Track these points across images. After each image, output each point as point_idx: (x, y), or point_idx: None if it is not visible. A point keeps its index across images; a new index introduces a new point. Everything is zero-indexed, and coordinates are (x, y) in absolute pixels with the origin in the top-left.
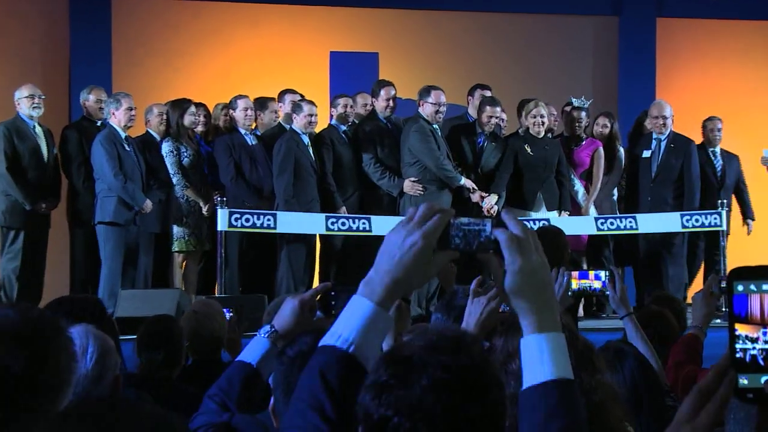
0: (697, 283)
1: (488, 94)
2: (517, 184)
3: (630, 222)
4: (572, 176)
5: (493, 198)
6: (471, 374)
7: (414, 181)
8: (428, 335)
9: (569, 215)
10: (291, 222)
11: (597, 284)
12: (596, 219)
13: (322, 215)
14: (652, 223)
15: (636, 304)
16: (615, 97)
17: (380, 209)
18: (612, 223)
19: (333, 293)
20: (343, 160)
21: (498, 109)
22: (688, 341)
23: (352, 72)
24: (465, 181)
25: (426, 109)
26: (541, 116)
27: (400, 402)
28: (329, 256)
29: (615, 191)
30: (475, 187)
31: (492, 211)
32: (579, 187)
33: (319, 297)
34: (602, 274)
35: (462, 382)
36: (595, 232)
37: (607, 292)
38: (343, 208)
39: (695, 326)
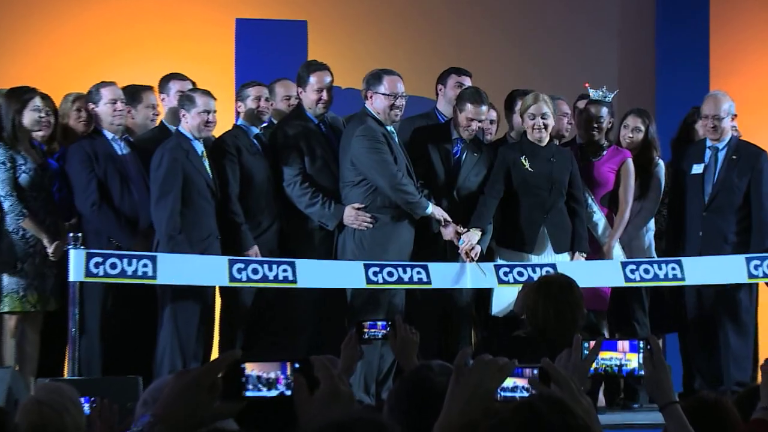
0: None
1: (468, 82)
2: (510, 213)
3: (673, 269)
4: (590, 201)
5: (475, 235)
6: None
7: (359, 209)
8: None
9: (586, 259)
10: (178, 269)
11: (632, 360)
12: (624, 265)
13: (224, 259)
14: (705, 270)
15: (683, 390)
16: (651, 89)
17: (310, 249)
18: (647, 271)
19: (243, 366)
20: (254, 177)
21: (483, 108)
22: (754, 429)
23: (268, 49)
24: (433, 209)
25: (376, 104)
26: (543, 116)
27: None
28: (234, 319)
29: (652, 223)
30: (448, 218)
31: (473, 254)
32: (599, 217)
33: (223, 372)
34: (640, 344)
35: None
36: (622, 284)
37: (642, 372)
38: (255, 248)
39: (764, 408)
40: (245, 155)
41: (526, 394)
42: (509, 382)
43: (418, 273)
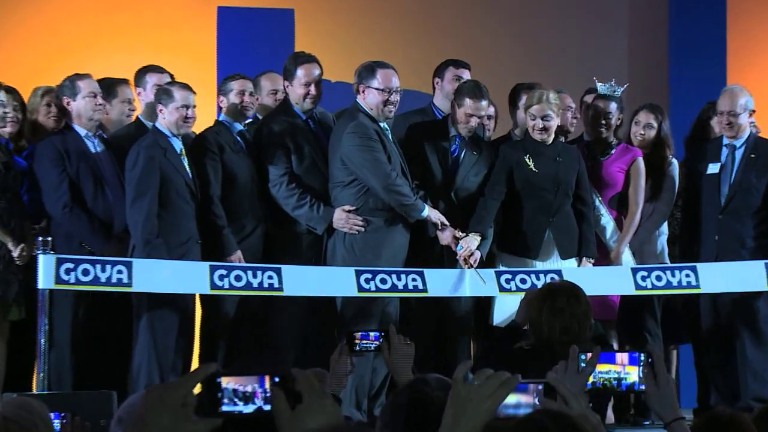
0: None
1: (466, 76)
2: (513, 216)
3: (687, 276)
4: (597, 203)
5: (474, 240)
6: None
7: (350, 211)
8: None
9: (593, 265)
10: (155, 275)
11: (631, 373)
12: (635, 271)
13: (206, 264)
14: (721, 277)
15: (698, 405)
16: (664, 83)
17: (297, 254)
18: (659, 278)
19: (219, 380)
20: (238, 177)
21: (483, 103)
22: None
23: (252, 40)
24: (430, 212)
25: (369, 99)
26: (545, 118)
27: None
28: (216, 330)
29: (665, 227)
30: (446, 222)
31: (472, 261)
32: (607, 220)
33: (199, 387)
34: (640, 356)
35: None
36: (633, 291)
37: (642, 387)
38: (238, 254)
39: None
40: (228, 153)
41: (530, 411)
42: (513, 398)
43: (414, 280)
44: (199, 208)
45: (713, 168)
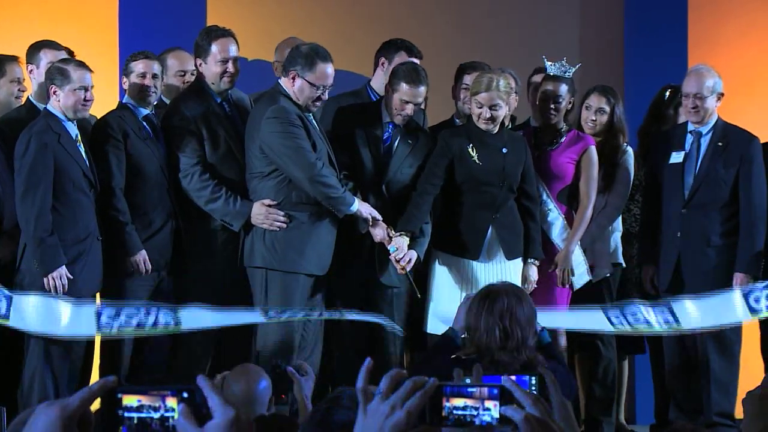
0: None
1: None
2: (451, 211)
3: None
4: (545, 197)
5: (404, 240)
6: None
7: (270, 205)
8: None
9: (539, 267)
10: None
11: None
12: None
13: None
14: (699, 314)
15: (656, 420)
16: (619, 62)
17: (210, 253)
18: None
19: (119, 395)
20: (144, 167)
21: (422, 89)
22: None
23: (159, 12)
24: (360, 206)
25: (300, 89)
26: (493, 107)
27: None
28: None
29: (619, 222)
30: (378, 216)
31: (405, 264)
32: (556, 216)
33: (98, 402)
34: (531, 380)
35: None
36: (611, 329)
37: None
38: (143, 253)
39: None
40: (133, 140)
41: (475, 413)
42: (459, 401)
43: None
44: (98, 201)
45: (676, 157)
